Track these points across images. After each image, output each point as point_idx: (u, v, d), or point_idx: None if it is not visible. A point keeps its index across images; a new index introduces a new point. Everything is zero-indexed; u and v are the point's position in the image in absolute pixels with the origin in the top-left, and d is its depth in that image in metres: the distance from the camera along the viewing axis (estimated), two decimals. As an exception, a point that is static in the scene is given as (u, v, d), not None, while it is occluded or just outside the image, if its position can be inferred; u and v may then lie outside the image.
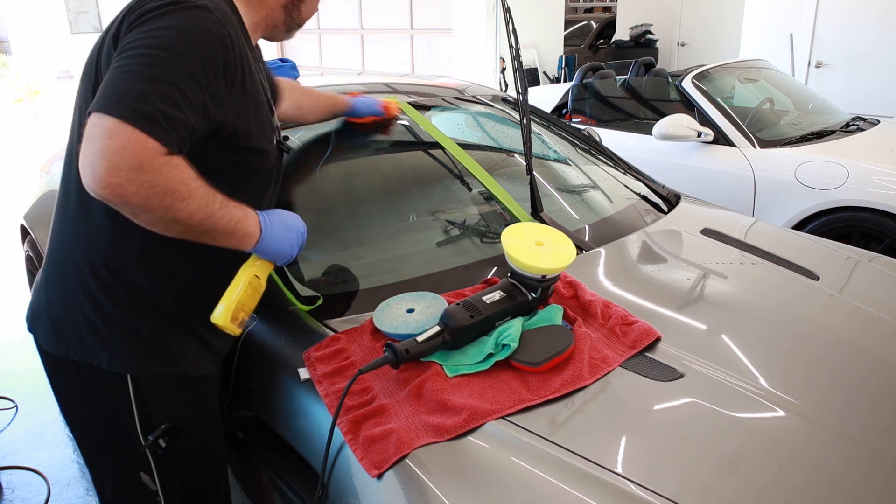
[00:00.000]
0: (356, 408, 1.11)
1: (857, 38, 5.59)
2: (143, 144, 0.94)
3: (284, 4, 1.23)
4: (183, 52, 0.99)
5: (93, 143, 0.94)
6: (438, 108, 2.21)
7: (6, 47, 15.47)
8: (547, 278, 1.29)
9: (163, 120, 0.96)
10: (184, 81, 0.98)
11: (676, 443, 1.04)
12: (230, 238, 1.09)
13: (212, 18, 1.04)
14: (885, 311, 1.47)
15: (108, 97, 0.96)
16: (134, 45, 1.00)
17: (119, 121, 0.93)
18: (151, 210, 0.98)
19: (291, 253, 1.19)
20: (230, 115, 1.08)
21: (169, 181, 0.97)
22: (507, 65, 7.73)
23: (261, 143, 1.17)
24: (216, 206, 1.05)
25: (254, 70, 1.14)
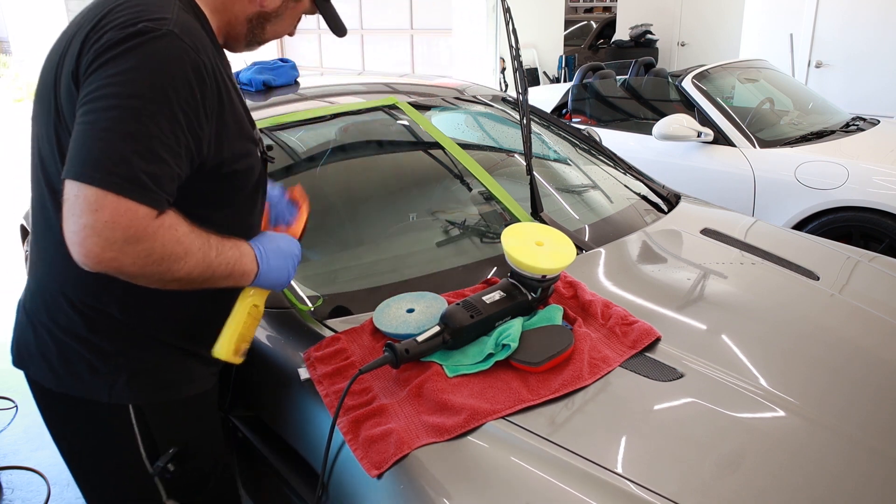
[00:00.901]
0: (356, 408, 1.11)
1: (857, 38, 5.59)
2: (133, 214, 0.87)
3: (249, 18, 1.13)
4: (157, 98, 0.90)
5: (77, 218, 0.86)
6: (438, 108, 2.21)
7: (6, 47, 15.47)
8: (547, 278, 1.29)
9: (149, 181, 0.89)
10: (163, 130, 0.90)
11: (676, 443, 1.04)
12: (228, 281, 1.05)
13: (182, 47, 0.94)
14: (885, 311, 1.47)
15: (84, 163, 0.87)
16: (100, 94, 0.90)
17: (102, 191, 0.86)
18: (149, 276, 0.93)
19: (288, 279, 1.16)
20: (213, 147, 1.01)
21: (165, 245, 0.92)
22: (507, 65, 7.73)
23: (245, 162, 1.11)
24: (213, 255, 1.00)
25: (230, 90, 1.06)
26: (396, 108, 2.03)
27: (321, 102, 2.01)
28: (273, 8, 1.12)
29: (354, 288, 1.51)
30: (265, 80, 2.11)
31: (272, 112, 1.90)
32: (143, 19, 0.93)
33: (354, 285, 1.54)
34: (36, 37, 15.69)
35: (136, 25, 0.92)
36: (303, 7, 1.16)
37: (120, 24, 0.93)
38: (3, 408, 2.70)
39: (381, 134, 2.08)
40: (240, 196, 1.15)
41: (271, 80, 2.13)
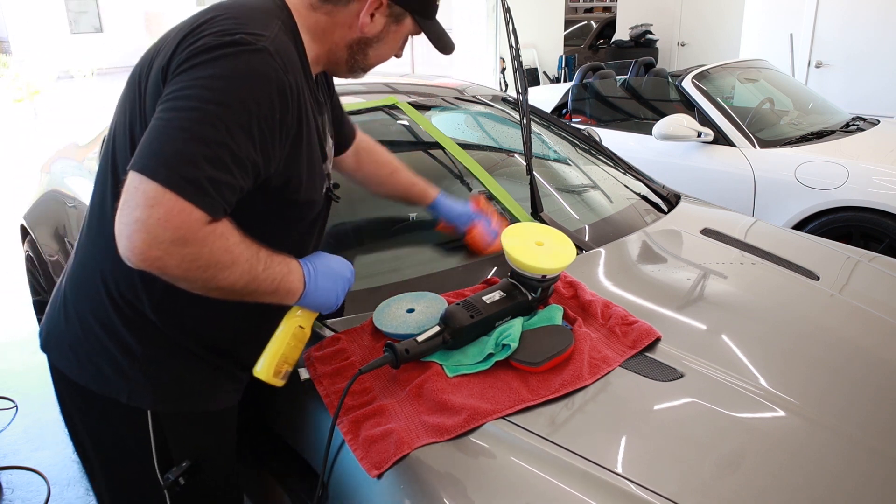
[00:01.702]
0: (356, 408, 1.11)
1: (857, 38, 5.59)
2: (187, 216, 0.86)
3: (349, 44, 1.10)
4: (237, 108, 0.90)
5: (132, 210, 0.86)
6: (438, 108, 2.21)
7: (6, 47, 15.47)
8: (547, 278, 1.29)
9: (210, 187, 0.88)
10: (235, 140, 0.90)
11: (676, 443, 1.04)
12: (273, 297, 1.03)
13: (273, 66, 0.94)
14: (885, 311, 1.47)
15: (151, 156, 0.87)
16: (184, 94, 0.90)
17: (163, 188, 0.85)
18: (192, 280, 0.92)
19: (337, 302, 1.13)
20: (281, 168, 1.00)
21: (213, 252, 0.90)
22: (507, 65, 7.73)
23: (309, 194, 1.10)
24: (260, 268, 0.98)
25: (311, 118, 1.05)
26: (396, 108, 2.03)
27: (321, 102, 2.01)
28: (374, 33, 1.09)
29: (354, 288, 1.51)
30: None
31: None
32: (243, 31, 0.94)
33: (355, 285, 1.53)
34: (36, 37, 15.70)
35: (234, 35, 0.93)
36: (406, 29, 1.12)
37: (218, 32, 0.94)
38: (3, 408, 2.70)
39: (381, 134, 2.08)
40: (297, 225, 1.14)
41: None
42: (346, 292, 1.15)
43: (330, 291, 1.11)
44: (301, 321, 1.11)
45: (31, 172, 3.22)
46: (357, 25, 1.07)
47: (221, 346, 1.13)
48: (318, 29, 1.07)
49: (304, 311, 1.11)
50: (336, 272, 1.13)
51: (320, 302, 1.10)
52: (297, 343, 1.11)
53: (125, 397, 1.07)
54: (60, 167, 2.71)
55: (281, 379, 1.10)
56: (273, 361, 1.08)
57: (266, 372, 1.08)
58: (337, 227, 1.78)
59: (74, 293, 1.11)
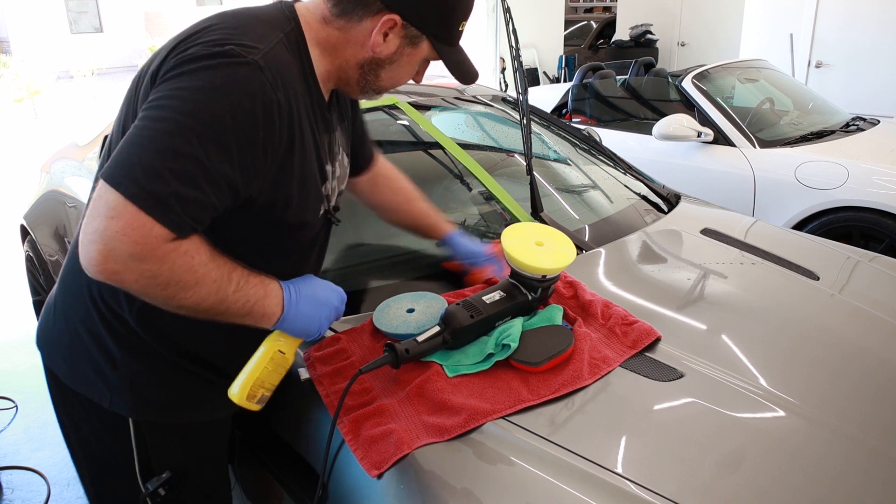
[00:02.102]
0: (356, 408, 1.11)
1: (857, 38, 5.59)
2: (146, 231, 0.83)
3: (361, 64, 1.03)
4: (214, 123, 0.86)
5: (93, 220, 0.84)
6: (438, 108, 2.21)
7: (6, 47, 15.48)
8: (547, 278, 1.29)
9: (175, 203, 0.84)
10: (209, 156, 0.85)
11: (676, 443, 1.04)
12: (246, 319, 0.99)
13: (260, 81, 0.89)
14: (885, 311, 1.47)
15: (119, 165, 0.84)
16: (161, 103, 0.87)
17: (125, 199, 0.82)
18: (152, 297, 0.90)
19: (319, 330, 1.08)
20: (265, 188, 0.95)
21: (174, 271, 0.87)
22: (507, 65, 7.73)
23: (299, 216, 1.05)
24: (230, 289, 0.94)
25: (308, 137, 1.00)
26: (396, 108, 2.03)
27: (321, 102, 2.01)
28: (387, 54, 1.02)
29: (355, 288, 1.51)
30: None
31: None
32: (234, 42, 0.90)
33: (355, 285, 1.53)
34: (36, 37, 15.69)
35: (224, 46, 0.89)
36: (421, 53, 1.05)
37: (209, 42, 0.90)
38: (3, 408, 2.70)
39: (381, 134, 2.08)
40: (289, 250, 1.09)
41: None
42: (331, 321, 1.10)
43: (312, 318, 1.06)
44: (282, 346, 1.06)
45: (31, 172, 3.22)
46: (369, 44, 1.01)
47: (205, 358, 1.11)
48: (329, 44, 1.02)
49: (287, 336, 1.07)
50: (321, 299, 1.08)
51: (300, 328, 1.05)
52: (276, 368, 1.06)
53: (107, 403, 1.06)
54: (60, 167, 2.71)
55: (256, 403, 1.06)
56: (248, 385, 1.03)
57: (240, 395, 1.03)
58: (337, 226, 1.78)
59: (63, 296, 1.10)
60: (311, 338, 1.09)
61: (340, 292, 1.12)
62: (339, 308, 1.11)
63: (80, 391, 1.08)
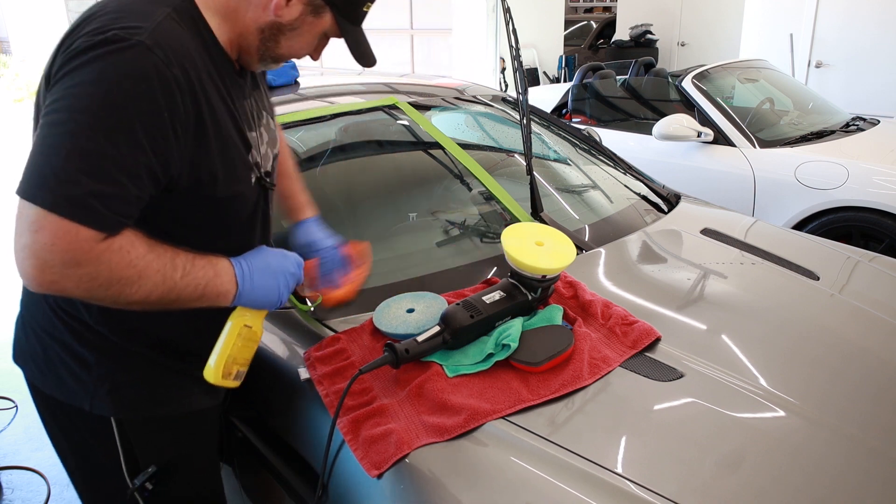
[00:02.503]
0: (356, 408, 1.11)
1: (857, 38, 5.59)
2: (73, 236, 0.82)
3: (261, 28, 1.01)
4: (112, 114, 0.83)
5: (20, 237, 0.83)
6: (438, 108, 2.21)
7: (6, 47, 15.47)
8: (547, 278, 1.29)
9: (96, 202, 0.83)
10: (117, 148, 0.83)
11: (676, 443, 1.04)
12: (201, 301, 0.98)
13: (151, 60, 0.86)
14: (885, 311, 1.47)
15: (29, 179, 0.83)
16: (57, 105, 0.84)
17: (44, 210, 0.81)
18: (99, 299, 0.89)
19: (280, 299, 1.07)
20: (186, 166, 0.94)
21: (112, 269, 0.86)
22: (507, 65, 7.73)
23: (230, 188, 1.02)
24: (177, 276, 0.93)
25: (218, 107, 0.98)
26: (396, 108, 2.03)
27: (321, 102, 2.01)
28: (289, 19, 1.00)
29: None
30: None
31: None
32: (116, 27, 0.86)
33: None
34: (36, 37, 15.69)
35: (106, 33, 0.86)
36: (324, 25, 1.03)
37: (92, 31, 0.87)
38: (3, 408, 2.70)
39: (381, 134, 2.08)
40: (233, 222, 1.08)
41: (271, 80, 2.13)
42: (290, 288, 1.09)
43: (270, 289, 1.05)
44: (247, 320, 1.06)
45: (31, 172, 3.23)
46: (270, 7, 0.98)
47: (176, 347, 1.10)
48: (228, 9, 0.99)
49: (251, 309, 1.07)
50: (274, 268, 1.07)
51: (260, 301, 1.05)
52: (245, 343, 1.06)
53: (88, 405, 1.06)
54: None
55: (233, 380, 1.06)
56: (221, 363, 1.03)
57: (214, 374, 1.03)
58: (337, 227, 1.78)
59: (26, 308, 1.11)
60: (274, 307, 1.08)
61: (295, 257, 1.11)
62: (297, 273, 1.10)
63: (61, 398, 1.08)
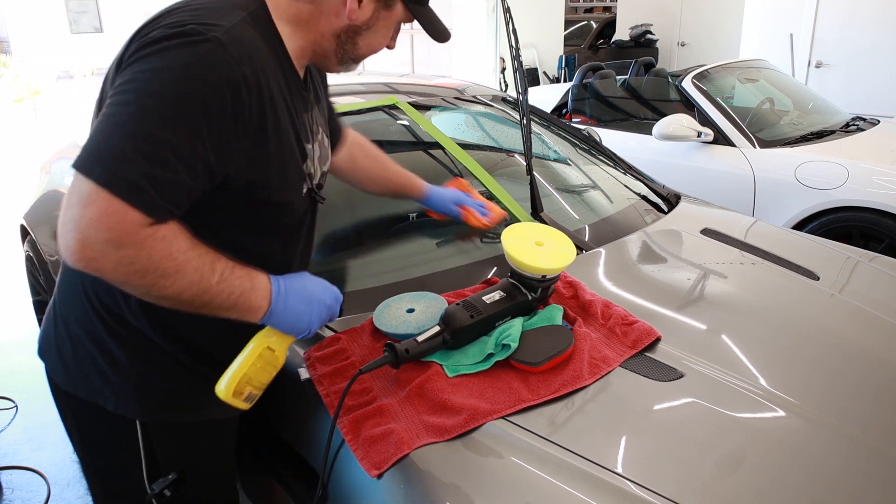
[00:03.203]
0: (356, 408, 1.11)
1: (857, 38, 5.59)
2: (121, 216, 0.82)
3: (337, 33, 1.02)
4: (179, 102, 0.85)
5: (68, 209, 0.83)
6: (438, 108, 2.21)
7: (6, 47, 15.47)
8: (547, 278, 1.29)
9: (148, 185, 0.83)
10: (178, 136, 0.84)
11: (676, 443, 1.04)
12: (230, 312, 0.97)
13: (222, 57, 0.87)
14: (885, 311, 1.47)
15: (89, 154, 0.83)
16: (126, 88, 0.86)
17: (96, 186, 0.81)
18: (132, 286, 0.88)
19: (310, 328, 1.05)
20: (242, 166, 0.94)
21: (152, 257, 0.85)
22: (507, 65, 7.73)
23: (283, 195, 1.03)
24: (213, 279, 0.92)
25: (282, 114, 0.98)
26: (396, 108, 2.03)
27: (321, 102, 2.01)
28: (363, 20, 1.01)
29: (355, 288, 1.51)
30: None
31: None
32: (195, 22, 0.89)
33: (354, 285, 1.53)
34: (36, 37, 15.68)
35: (185, 27, 0.88)
36: (396, 16, 1.04)
37: (170, 24, 0.89)
38: (3, 408, 2.70)
39: (381, 134, 2.08)
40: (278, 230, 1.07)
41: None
42: (323, 319, 1.06)
43: (301, 314, 1.03)
44: (272, 343, 1.03)
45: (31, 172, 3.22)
46: (344, 13, 1.00)
47: (209, 353, 1.10)
48: (300, 19, 1.00)
49: (278, 333, 1.04)
50: (312, 295, 1.05)
51: (288, 324, 1.02)
52: (265, 365, 1.03)
53: (112, 405, 1.06)
54: (60, 167, 2.71)
55: (243, 401, 1.02)
56: (234, 381, 1.00)
57: (226, 391, 1.00)
58: (337, 226, 1.78)
59: (62, 301, 1.09)
60: (302, 335, 1.05)
61: (335, 291, 1.10)
62: (333, 307, 1.08)
63: (85, 396, 1.07)
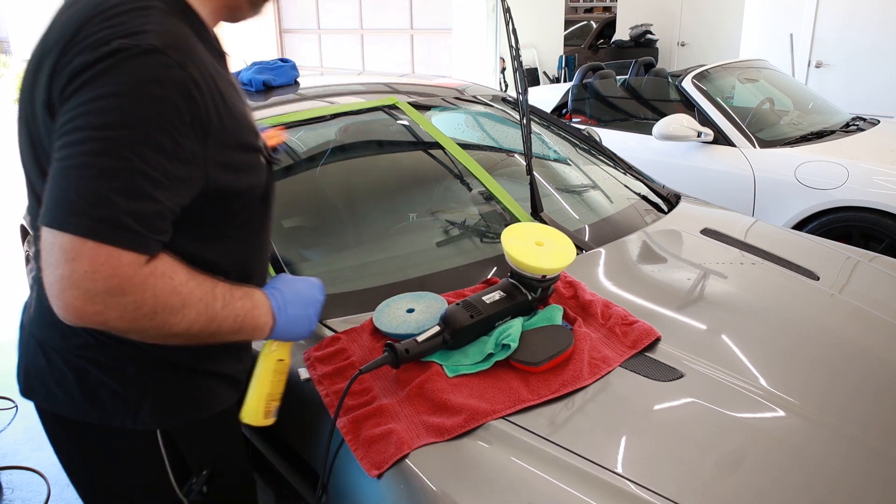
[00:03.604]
0: (356, 408, 1.11)
1: (857, 38, 5.59)
2: (115, 262, 0.78)
3: None
4: (138, 124, 0.79)
5: (54, 269, 0.77)
6: (438, 108, 2.21)
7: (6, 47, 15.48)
8: (547, 278, 1.29)
9: (133, 223, 0.78)
10: (148, 161, 0.79)
11: (676, 443, 1.04)
12: (238, 335, 0.95)
13: (167, 63, 0.82)
14: (885, 311, 1.47)
15: (58, 206, 0.77)
16: (74, 126, 0.79)
17: (79, 238, 0.76)
18: (142, 331, 0.85)
19: (311, 328, 1.05)
20: (213, 168, 0.89)
21: (157, 297, 0.82)
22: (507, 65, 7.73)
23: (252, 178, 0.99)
24: (218, 306, 0.90)
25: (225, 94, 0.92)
26: (396, 108, 2.03)
27: (321, 102, 2.01)
28: None
29: (354, 288, 1.51)
30: (265, 80, 2.11)
31: (272, 112, 1.90)
32: (119, 35, 0.81)
33: (354, 285, 1.54)
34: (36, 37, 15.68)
35: (111, 44, 0.80)
36: None
37: (93, 44, 0.82)
38: (3, 408, 2.70)
39: (381, 134, 2.08)
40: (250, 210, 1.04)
41: (271, 80, 2.13)
42: (319, 315, 1.07)
43: (302, 319, 1.03)
44: (280, 353, 1.05)
45: (31, 172, 3.23)
46: None
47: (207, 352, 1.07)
48: None
49: (279, 342, 1.05)
50: (305, 297, 1.04)
51: (294, 332, 1.02)
52: (279, 378, 1.06)
53: (131, 423, 1.01)
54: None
55: (271, 418, 1.06)
56: (261, 404, 1.03)
57: (254, 415, 1.02)
58: (337, 226, 1.78)
59: (42, 330, 1.03)
60: (305, 337, 1.07)
61: (318, 282, 1.10)
62: (322, 299, 1.09)
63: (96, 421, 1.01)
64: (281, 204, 1.76)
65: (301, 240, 1.74)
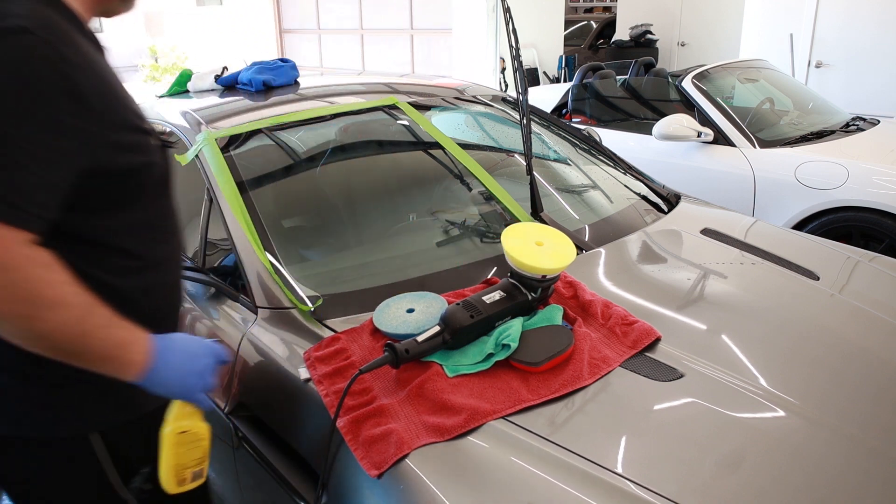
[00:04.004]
0: (356, 408, 1.11)
1: (857, 38, 5.58)
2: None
3: None
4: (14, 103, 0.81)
5: None
6: (438, 108, 2.21)
7: None
8: (547, 278, 1.29)
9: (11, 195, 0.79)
10: (24, 136, 0.81)
11: (676, 443, 1.04)
12: (106, 364, 0.91)
13: (37, 42, 0.84)
14: (885, 311, 1.47)
15: None
16: None
17: None
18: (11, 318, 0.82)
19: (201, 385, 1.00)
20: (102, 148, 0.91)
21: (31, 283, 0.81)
22: (507, 65, 7.73)
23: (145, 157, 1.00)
24: (94, 323, 0.88)
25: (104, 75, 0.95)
26: (396, 108, 2.03)
27: (321, 102, 2.01)
28: None
29: (354, 288, 1.51)
30: (265, 80, 2.11)
31: (272, 112, 1.90)
32: None
33: (354, 285, 1.54)
34: None
35: None
36: None
37: None
38: None
39: (381, 134, 2.08)
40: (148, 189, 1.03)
41: (271, 80, 2.13)
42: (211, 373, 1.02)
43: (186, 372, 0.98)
44: (182, 426, 1.01)
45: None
46: None
47: None
48: None
49: (179, 408, 1.02)
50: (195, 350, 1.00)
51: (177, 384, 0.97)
52: (188, 447, 1.02)
53: (65, 430, 1.00)
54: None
55: (191, 482, 1.04)
56: (171, 476, 1.01)
57: (169, 485, 1.02)
58: (337, 226, 1.78)
59: None
60: (191, 398, 1.02)
61: (217, 347, 1.06)
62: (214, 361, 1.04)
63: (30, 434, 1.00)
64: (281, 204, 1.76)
65: (301, 240, 1.74)
